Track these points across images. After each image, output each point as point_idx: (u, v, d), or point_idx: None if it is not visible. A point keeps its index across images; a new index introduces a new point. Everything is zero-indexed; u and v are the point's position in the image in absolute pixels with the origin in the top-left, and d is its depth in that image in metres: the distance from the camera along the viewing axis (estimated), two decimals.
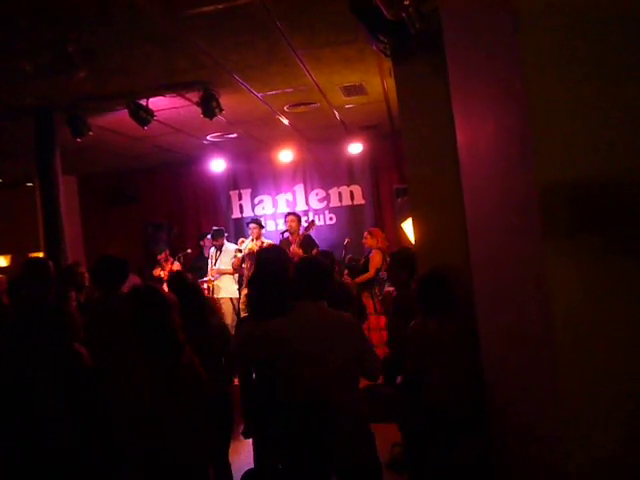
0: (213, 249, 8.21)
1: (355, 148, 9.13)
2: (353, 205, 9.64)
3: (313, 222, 7.97)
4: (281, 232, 7.82)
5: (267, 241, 7.65)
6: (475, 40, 2.10)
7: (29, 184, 8.86)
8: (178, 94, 5.85)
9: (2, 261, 9.31)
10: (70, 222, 6.61)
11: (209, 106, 5.67)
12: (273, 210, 9.90)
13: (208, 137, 8.20)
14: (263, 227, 8.06)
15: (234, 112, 6.65)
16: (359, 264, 6.91)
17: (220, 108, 5.75)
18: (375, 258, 6.64)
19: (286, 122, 7.65)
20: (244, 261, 7.44)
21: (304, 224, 8.12)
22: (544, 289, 1.54)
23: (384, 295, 6.36)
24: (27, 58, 4.51)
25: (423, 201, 3.73)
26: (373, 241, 6.80)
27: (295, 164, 9.63)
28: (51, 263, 4.19)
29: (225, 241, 8.16)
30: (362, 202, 9.60)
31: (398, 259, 4.20)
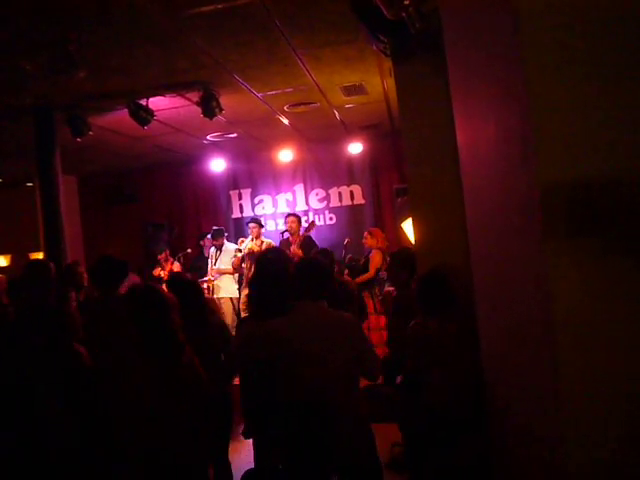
0: (213, 249, 8.21)
1: (355, 148, 9.13)
2: (353, 205, 9.64)
3: (313, 223, 7.97)
4: (281, 232, 7.83)
5: (267, 240, 7.65)
6: (475, 40, 2.10)
7: (29, 184, 8.87)
8: (178, 94, 5.85)
9: (2, 261, 9.31)
10: (70, 222, 6.61)
11: (209, 106, 5.68)
12: (273, 210, 9.91)
13: (208, 137, 8.20)
14: (263, 226, 8.07)
15: (234, 112, 6.65)
16: (359, 264, 6.90)
17: (220, 108, 5.76)
18: (375, 258, 6.64)
19: (286, 122, 7.65)
20: (244, 261, 7.45)
21: (304, 224, 8.12)
22: (544, 289, 1.54)
23: (384, 295, 6.36)
24: (27, 58, 4.52)
25: (423, 201, 3.73)
26: (373, 241, 6.80)
27: (295, 164, 9.64)
28: (52, 265, 4.18)
29: (225, 241, 8.16)
30: (362, 202, 9.60)
31: (398, 259, 4.20)
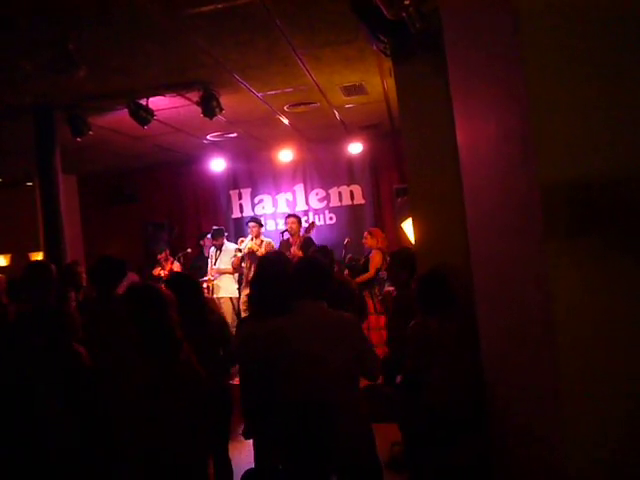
0: (213, 249, 8.21)
1: (355, 148, 9.13)
2: (353, 205, 9.64)
3: (313, 223, 7.97)
4: (281, 232, 7.83)
5: (266, 240, 7.65)
6: (475, 40, 2.10)
7: (29, 183, 8.87)
8: (178, 94, 5.85)
9: (2, 260, 9.31)
10: (70, 221, 6.60)
11: (209, 106, 5.67)
12: (273, 210, 9.91)
13: (208, 137, 8.20)
14: (262, 225, 8.07)
15: (234, 112, 6.65)
16: (359, 264, 6.91)
17: (220, 108, 5.75)
18: (375, 258, 6.64)
19: (286, 122, 7.65)
20: (244, 260, 7.45)
21: (304, 225, 8.12)
22: (544, 289, 1.54)
23: (384, 295, 6.37)
24: (27, 57, 4.52)
25: (423, 201, 3.73)
26: (373, 241, 6.80)
27: (295, 164, 9.64)
28: (53, 266, 4.18)
29: (225, 241, 8.16)
30: (362, 202, 9.60)
31: (398, 259, 4.20)
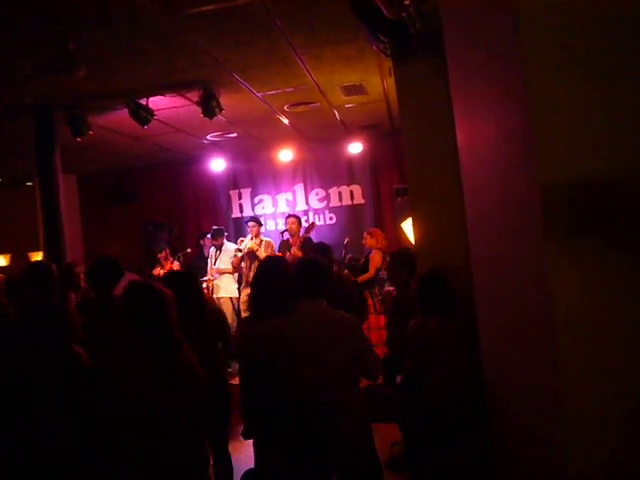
0: (213, 248, 8.20)
1: (355, 148, 9.12)
2: (353, 205, 9.64)
3: (313, 224, 7.96)
4: (281, 232, 7.82)
5: (266, 239, 7.66)
6: (475, 40, 2.10)
7: (29, 183, 8.86)
8: (178, 93, 5.85)
9: (2, 260, 9.31)
10: (70, 221, 6.60)
11: (209, 105, 5.67)
12: (273, 209, 9.91)
13: (208, 136, 8.20)
14: (261, 225, 8.07)
15: (234, 111, 6.65)
16: (359, 264, 6.90)
17: (220, 107, 5.75)
18: (375, 258, 6.64)
19: (286, 122, 7.65)
20: (243, 260, 7.45)
21: (304, 225, 8.12)
22: (544, 289, 1.54)
23: (384, 294, 6.37)
24: (27, 57, 4.52)
25: (423, 201, 3.73)
26: (373, 241, 6.80)
27: (295, 164, 9.63)
28: (55, 266, 4.17)
29: (225, 240, 8.15)
30: (362, 202, 9.59)
31: (398, 259, 4.20)
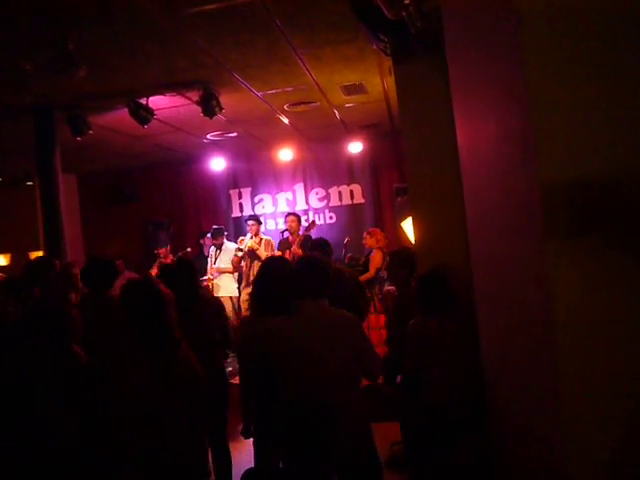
0: (213, 248, 8.20)
1: (355, 147, 9.12)
2: (353, 204, 9.64)
3: (314, 222, 7.95)
4: (281, 231, 7.83)
5: (265, 237, 7.66)
6: (476, 40, 2.10)
7: (29, 183, 8.86)
8: (178, 93, 5.84)
9: (2, 260, 9.31)
10: (70, 221, 6.60)
11: (209, 105, 5.67)
12: (273, 209, 9.91)
13: (208, 136, 8.19)
14: (261, 223, 8.06)
15: (234, 111, 6.65)
16: (359, 263, 6.91)
17: (220, 107, 5.75)
18: (375, 258, 6.64)
19: (286, 121, 7.65)
20: (243, 259, 7.45)
21: (304, 224, 8.11)
22: (544, 289, 1.54)
23: (384, 294, 6.37)
24: (27, 57, 4.52)
25: (423, 200, 3.72)
26: (372, 241, 6.80)
27: (295, 163, 9.63)
28: (57, 262, 4.16)
29: (225, 240, 8.15)
30: (362, 201, 9.59)
31: (398, 258, 4.20)
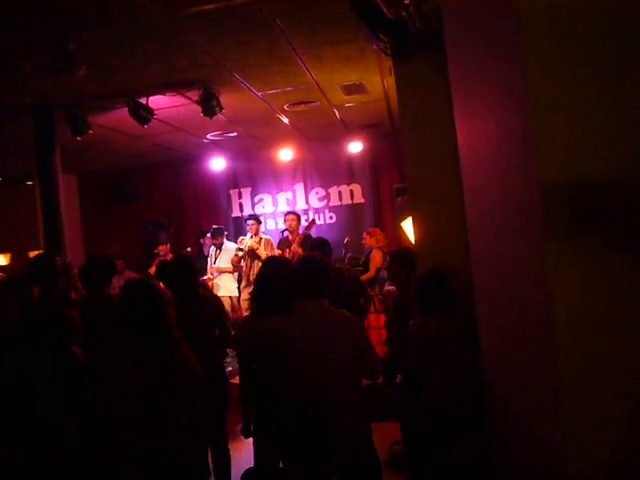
0: (213, 247, 8.20)
1: (355, 147, 9.12)
2: (353, 204, 9.63)
3: (314, 221, 7.95)
4: (281, 231, 7.83)
5: (265, 237, 7.66)
6: (476, 40, 2.10)
7: (29, 183, 8.85)
8: (178, 93, 5.84)
9: (2, 260, 9.31)
10: (70, 221, 6.60)
11: (209, 105, 5.67)
12: (273, 209, 9.90)
13: (208, 136, 8.19)
14: (260, 223, 8.06)
15: (234, 111, 6.64)
16: (359, 263, 6.90)
17: (220, 107, 5.75)
18: (376, 258, 6.64)
19: (286, 121, 7.65)
20: (243, 259, 7.45)
21: (304, 223, 8.11)
22: (545, 289, 1.54)
23: (384, 294, 6.37)
24: (27, 57, 4.52)
25: (423, 200, 3.72)
26: (372, 241, 6.79)
27: (295, 163, 9.63)
28: (58, 259, 4.15)
29: (225, 240, 8.15)
30: (362, 201, 9.58)
31: (398, 258, 4.20)
